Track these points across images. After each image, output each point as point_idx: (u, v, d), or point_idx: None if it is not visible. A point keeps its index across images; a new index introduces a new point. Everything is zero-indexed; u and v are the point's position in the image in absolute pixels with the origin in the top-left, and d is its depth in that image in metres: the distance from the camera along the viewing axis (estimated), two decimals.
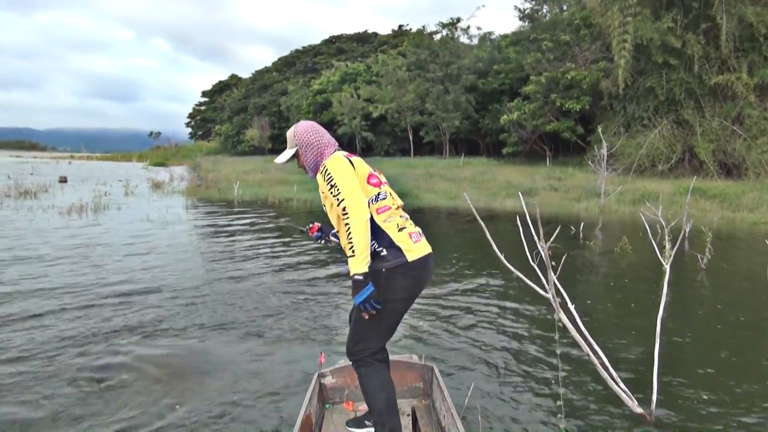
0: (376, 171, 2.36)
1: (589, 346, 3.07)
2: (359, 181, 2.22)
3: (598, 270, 7.42)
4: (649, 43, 22.67)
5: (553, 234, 3.37)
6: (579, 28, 29.10)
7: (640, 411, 2.97)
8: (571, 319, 3.19)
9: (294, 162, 2.45)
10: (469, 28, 39.66)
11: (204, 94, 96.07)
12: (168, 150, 74.27)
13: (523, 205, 3.19)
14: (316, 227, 2.79)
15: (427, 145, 39.87)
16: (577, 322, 3.19)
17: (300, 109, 49.68)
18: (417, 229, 2.34)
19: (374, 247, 2.22)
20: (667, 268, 3.51)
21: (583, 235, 9.88)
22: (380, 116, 40.37)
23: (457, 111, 34.95)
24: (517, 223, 3.43)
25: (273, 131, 54.09)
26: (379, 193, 2.28)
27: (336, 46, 70.33)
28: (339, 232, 2.24)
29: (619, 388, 3.02)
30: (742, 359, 3.96)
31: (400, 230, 2.25)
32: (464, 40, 39.52)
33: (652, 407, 2.98)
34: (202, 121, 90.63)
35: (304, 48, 76.07)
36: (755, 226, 12.42)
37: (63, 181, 23.80)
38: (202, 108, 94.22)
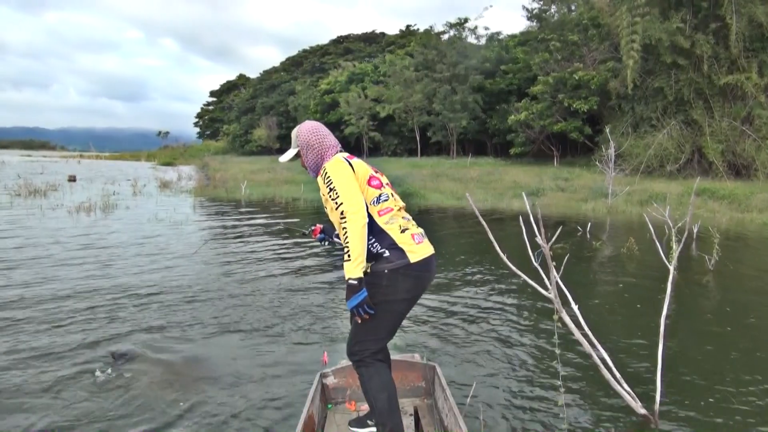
0: (378, 172, 2.35)
1: (592, 346, 3.07)
2: (359, 183, 2.22)
3: (604, 270, 7.39)
4: (657, 43, 22.51)
5: (555, 234, 3.36)
6: (587, 28, 28.98)
7: (644, 412, 2.96)
8: (575, 319, 3.19)
9: (299, 161, 2.47)
10: (477, 28, 39.80)
11: (212, 93, 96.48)
12: (176, 149, 74.75)
13: (527, 205, 3.19)
14: (319, 229, 2.79)
15: (434, 145, 39.90)
16: (581, 322, 3.18)
17: (307, 109, 49.91)
18: (420, 230, 2.34)
19: (377, 248, 2.22)
20: (672, 268, 3.49)
21: (590, 236, 9.84)
22: (387, 116, 40.48)
23: (464, 111, 34.94)
24: (521, 224, 3.43)
25: (280, 131, 54.38)
26: (380, 195, 2.28)
27: (343, 46, 70.35)
28: (340, 234, 2.25)
29: (623, 388, 3.01)
30: (750, 363, 3.92)
31: (403, 231, 2.25)
32: (472, 40, 39.58)
33: (656, 408, 2.97)
34: (210, 121, 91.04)
35: (311, 48, 76.15)
36: (765, 227, 12.30)
37: (72, 180, 23.96)
38: (210, 108, 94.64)
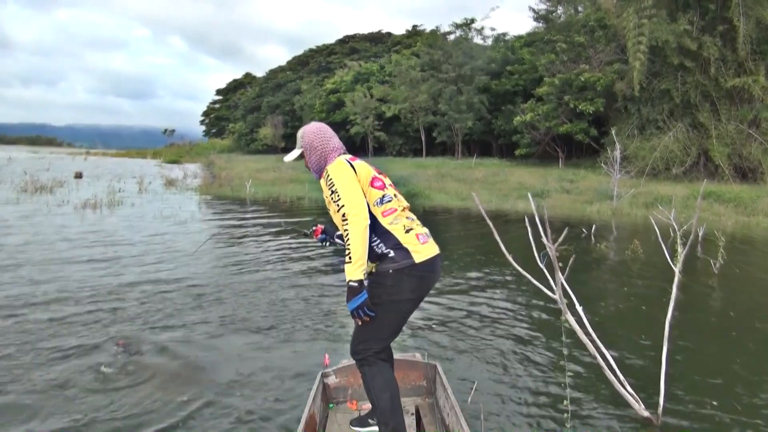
0: (381, 174, 2.35)
1: (596, 348, 3.07)
2: (362, 184, 2.23)
3: (609, 272, 7.37)
4: (664, 45, 22.39)
5: (562, 235, 3.36)
6: (594, 30, 28.89)
7: (647, 415, 2.95)
8: (579, 320, 3.18)
9: (303, 161, 2.48)
10: (484, 28, 39.74)
11: (218, 92, 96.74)
12: (182, 147, 74.90)
13: (533, 206, 3.18)
14: (320, 229, 2.79)
15: (439, 146, 39.86)
16: (585, 324, 3.18)
17: (313, 108, 49.98)
18: (424, 230, 2.34)
19: (381, 248, 2.23)
20: (677, 271, 3.48)
21: (594, 238, 9.81)
22: (393, 116, 40.47)
23: (470, 112, 34.88)
24: (527, 225, 3.43)
25: (286, 130, 54.43)
26: (383, 196, 2.28)
27: (349, 46, 70.36)
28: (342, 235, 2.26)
29: (626, 390, 3.00)
30: (755, 366, 3.89)
31: (407, 231, 2.25)
32: (478, 40, 39.52)
33: (659, 411, 2.96)
34: (216, 119, 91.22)
35: (317, 47, 76.21)
36: None
37: (78, 176, 24.09)
38: (217, 106, 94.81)
